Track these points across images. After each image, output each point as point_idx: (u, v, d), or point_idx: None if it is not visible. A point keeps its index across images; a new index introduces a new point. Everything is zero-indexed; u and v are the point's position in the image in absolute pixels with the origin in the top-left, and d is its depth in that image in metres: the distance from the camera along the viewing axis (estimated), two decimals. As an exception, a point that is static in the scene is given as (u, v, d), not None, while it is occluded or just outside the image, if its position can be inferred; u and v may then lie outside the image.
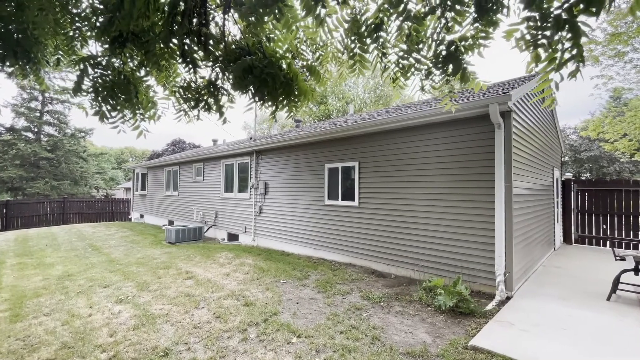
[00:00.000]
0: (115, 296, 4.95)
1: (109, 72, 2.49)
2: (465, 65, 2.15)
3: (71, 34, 3.26)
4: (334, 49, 2.52)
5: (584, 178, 26.95)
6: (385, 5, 2.16)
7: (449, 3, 1.88)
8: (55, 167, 24.34)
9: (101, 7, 2.75)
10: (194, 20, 1.96)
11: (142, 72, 2.56)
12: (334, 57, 2.53)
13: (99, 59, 2.52)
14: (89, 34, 2.79)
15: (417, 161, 5.80)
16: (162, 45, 2.18)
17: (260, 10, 2.08)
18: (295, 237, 8.11)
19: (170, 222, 14.30)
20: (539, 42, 1.89)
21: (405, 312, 4.23)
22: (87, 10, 2.99)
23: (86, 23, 3.03)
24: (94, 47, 3.10)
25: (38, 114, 24.68)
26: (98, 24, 2.69)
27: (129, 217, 19.36)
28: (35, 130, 24.92)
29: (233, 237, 10.53)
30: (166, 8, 1.98)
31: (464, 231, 5.16)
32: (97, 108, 2.95)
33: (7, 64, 3.25)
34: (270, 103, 2.47)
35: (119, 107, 2.47)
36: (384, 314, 4.19)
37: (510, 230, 4.75)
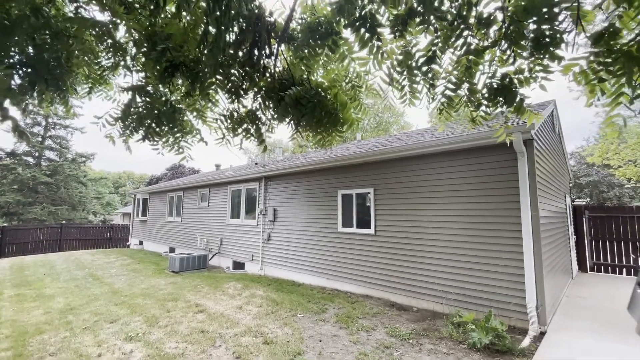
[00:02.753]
0: (124, 333, 4.64)
1: (152, 100, 2.44)
2: (520, 97, 2.12)
3: (103, 63, 3.25)
4: (379, 80, 2.49)
5: (593, 204, 26.94)
6: (437, 40, 2.15)
7: (512, 37, 1.87)
8: (54, 191, 24.03)
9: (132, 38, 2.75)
10: (256, 52, 1.92)
11: (187, 101, 2.51)
12: (379, 88, 2.51)
13: (147, 88, 2.48)
14: (122, 63, 2.77)
15: (436, 188, 5.72)
16: (214, 76, 2.14)
17: (313, 43, 2.06)
18: (307, 267, 7.84)
19: (172, 249, 13.91)
20: (602, 77, 1.86)
21: (438, 351, 3.98)
22: (123, 41, 2.99)
23: (119, 53, 3.03)
24: (124, 77, 3.09)
25: (40, 139, 24.70)
26: (140, 55, 2.68)
27: (128, 243, 18.88)
28: (36, 155, 24.83)
29: (239, 265, 10.20)
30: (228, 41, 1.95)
31: (490, 261, 4.99)
32: (126, 135, 2.87)
33: (37, 90, 3.20)
34: (313, 132, 2.40)
35: (162, 134, 2.40)
36: (415, 352, 3.94)
37: (540, 261, 4.59)
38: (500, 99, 2.26)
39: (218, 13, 1.35)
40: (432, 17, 1.91)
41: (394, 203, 6.30)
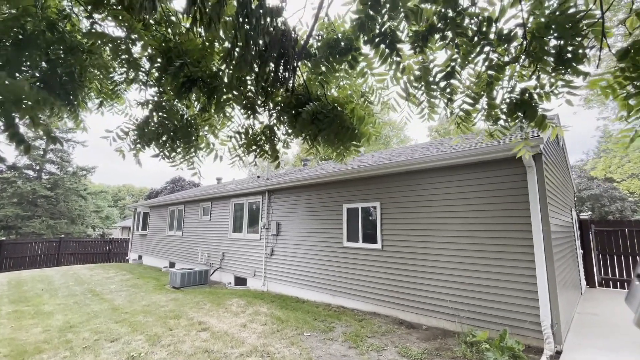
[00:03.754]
0: (125, 352, 4.48)
1: (168, 115, 2.41)
2: (541, 113, 2.10)
3: (116, 78, 3.25)
4: (395, 95, 2.48)
5: (596, 217, 26.74)
6: (456, 56, 2.15)
7: (534, 53, 1.86)
8: (53, 205, 23.88)
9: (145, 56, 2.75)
10: (281, 68, 1.92)
11: (203, 117, 2.48)
12: (395, 103, 2.50)
13: (163, 103, 2.46)
14: (138, 78, 2.77)
15: (444, 202, 5.66)
16: (231, 91, 2.12)
17: (332, 59, 2.05)
18: (311, 282, 7.69)
19: (172, 264, 13.70)
20: (630, 92, 1.85)
21: (453, 372, 3.83)
22: (137, 56, 2.99)
23: (133, 69, 3.03)
24: (139, 92, 3.08)
25: (42, 152, 24.72)
26: (154, 70, 2.68)
27: (127, 257, 18.62)
28: (37, 168, 24.81)
29: (240, 281, 10.01)
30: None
31: (502, 277, 4.89)
32: (137, 149, 2.83)
33: (47, 105, 3.19)
34: (331, 147, 2.37)
35: (176, 150, 2.36)
36: (429, 374, 3.79)
37: (553, 278, 4.50)
38: (520, 113, 2.24)
39: (247, 27, 1.33)
40: (452, 33, 1.91)
41: (401, 217, 6.23)
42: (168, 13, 2.69)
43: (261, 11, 1.34)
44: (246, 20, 1.32)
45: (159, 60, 2.76)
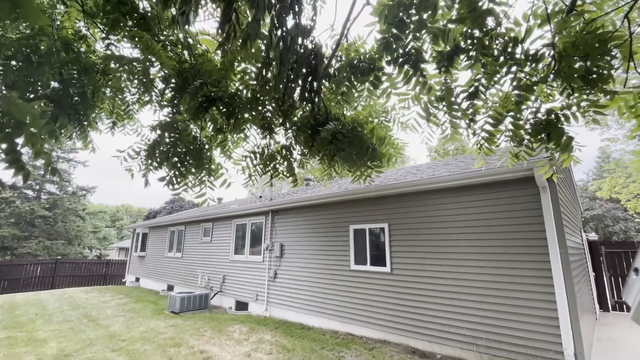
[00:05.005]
0: (123, 386, 4.20)
1: (180, 136, 2.35)
2: (568, 135, 2.03)
3: (128, 98, 3.22)
4: (415, 115, 2.43)
5: (602, 238, 26.34)
6: (479, 75, 2.11)
7: (563, 73, 1.82)
8: (51, 225, 23.55)
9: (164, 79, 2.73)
10: (307, 88, 1.87)
11: (219, 138, 2.42)
12: (416, 123, 2.44)
13: (177, 125, 2.40)
14: (153, 98, 2.74)
15: (456, 224, 5.53)
16: (250, 111, 2.07)
17: (354, 79, 2.01)
18: (317, 308, 7.40)
19: (170, 287, 13.30)
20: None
21: (476, 408, 3.57)
22: (151, 77, 2.97)
23: (146, 89, 3.00)
24: (154, 112, 3.05)
25: (42, 172, 24.67)
26: (168, 90, 2.65)
27: (123, 280, 18.13)
28: (37, 188, 24.67)
29: (242, 305, 9.66)
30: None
31: (520, 302, 4.68)
32: (148, 169, 2.75)
33: (58, 124, 3.13)
34: (350, 167, 2.29)
35: (187, 173, 2.28)
36: (450, 410, 3.53)
37: (575, 303, 4.31)
38: (544, 135, 2.18)
39: (282, 45, 1.28)
40: (479, 53, 1.88)
41: (410, 239, 6.07)
42: (186, 35, 2.68)
43: (296, 29, 1.31)
44: (282, 38, 1.28)
45: (173, 80, 2.74)
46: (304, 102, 1.99)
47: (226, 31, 1.22)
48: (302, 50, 1.63)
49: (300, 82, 1.82)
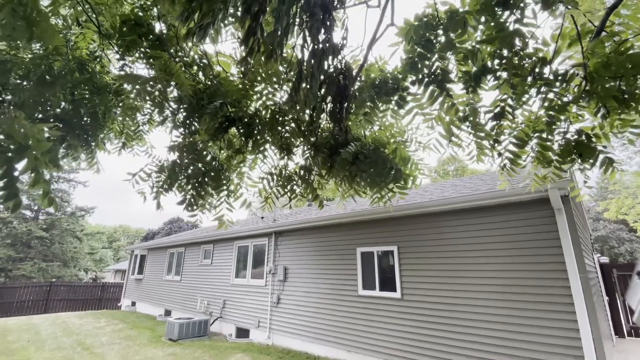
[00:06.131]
0: None
1: (198, 157, 2.26)
2: (608, 155, 1.95)
3: (139, 118, 3.16)
4: (437, 135, 2.36)
5: (620, 262, 25.71)
6: (505, 95, 2.06)
7: (596, 92, 1.77)
8: (47, 246, 23.12)
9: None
10: (338, 106, 1.81)
11: (238, 158, 2.34)
12: (438, 143, 2.37)
13: (196, 145, 2.32)
14: (167, 119, 2.68)
15: (469, 247, 5.35)
16: (269, 132, 2.00)
17: (378, 99, 1.95)
18: (323, 335, 7.06)
19: (167, 312, 12.84)
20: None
21: None
22: (161, 97, 2.93)
23: (156, 110, 2.95)
24: (158, 133, 2.98)
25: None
26: (181, 110, 2.59)
27: (119, 304, 17.55)
28: (35, 208, 24.42)
29: (243, 332, 9.26)
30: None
31: (541, 331, 4.45)
32: (159, 192, 2.64)
33: (66, 144, 3.06)
34: (373, 189, 2.19)
35: (205, 194, 2.17)
36: None
37: (598, 331, 4.08)
38: (575, 156, 2.10)
39: (313, 61, 1.22)
40: (508, 74, 1.83)
41: (421, 263, 5.87)
42: (201, 56, 2.66)
43: (327, 45, 1.26)
44: (313, 54, 1.23)
45: (185, 101, 2.69)
46: (333, 122, 1.93)
47: (250, 45, 1.15)
48: (331, 70, 1.59)
49: (330, 101, 1.76)
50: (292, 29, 1.16)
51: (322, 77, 1.52)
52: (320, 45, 1.20)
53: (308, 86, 1.30)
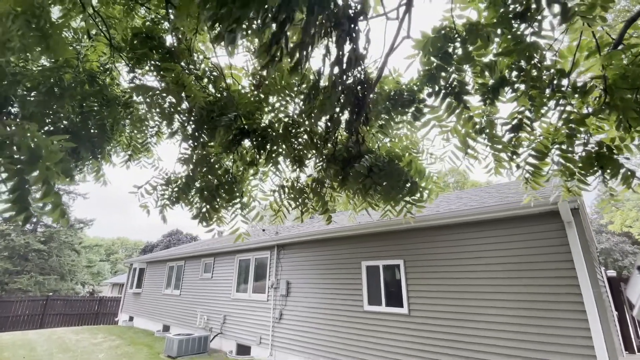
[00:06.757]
0: None
1: (211, 170, 2.22)
2: (628, 168, 1.91)
3: (147, 131, 3.13)
4: (453, 148, 2.33)
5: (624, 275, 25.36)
6: (523, 107, 2.03)
7: (616, 104, 1.74)
8: (45, 259, 22.81)
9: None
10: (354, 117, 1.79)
11: (251, 171, 2.30)
12: (454, 156, 2.33)
13: (210, 158, 2.28)
14: (177, 131, 2.65)
15: (479, 260, 5.24)
16: (282, 144, 1.96)
17: (393, 111, 1.92)
18: (327, 353, 6.84)
19: (166, 328, 12.55)
20: None
21: None
22: (169, 109, 2.91)
23: (165, 122, 2.93)
24: (166, 146, 2.97)
25: (41, 205, 24.36)
26: (191, 122, 2.56)
27: (116, 319, 17.19)
28: (34, 220, 24.22)
29: (243, 349, 9.00)
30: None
31: (555, 349, 4.30)
32: (165, 205, 2.59)
33: (74, 157, 3.02)
34: (389, 203, 2.14)
35: (219, 207, 2.12)
36: None
37: (614, 349, 3.96)
38: (597, 167, 2.06)
39: (337, 70, 1.20)
40: (526, 86, 1.81)
41: (429, 277, 5.74)
42: (212, 69, 2.65)
43: (353, 55, 1.24)
44: (338, 64, 1.20)
45: (195, 112, 2.67)
46: (350, 134, 1.90)
47: (272, 53, 1.13)
48: (350, 80, 1.57)
49: (348, 111, 1.74)
50: (317, 39, 1.14)
51: (342, 87, 1.50)
52: (347, 55, 1.18)
53: (327, 96, 1.27)
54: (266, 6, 0.93)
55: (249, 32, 0.99)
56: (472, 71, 1.92)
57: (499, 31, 1.88)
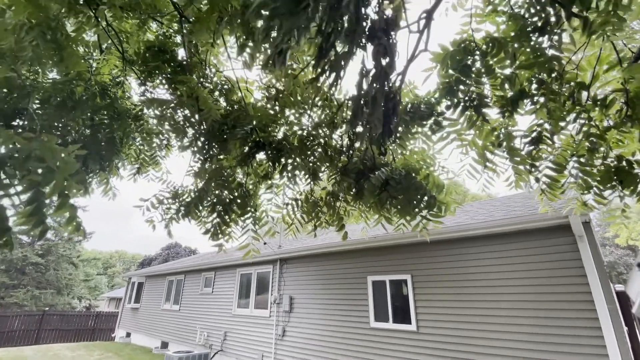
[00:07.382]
0: None
1: (224, 184, 2.18)
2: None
3: (157, 143, 3.11)
4: (471, 161, 2.30)
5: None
6: (542, 120, 2.01)
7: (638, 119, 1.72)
8: (42, 273, 22.48)
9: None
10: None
11: (265, 185, 2.26)
12: (473, 169, 2.30)
13: (224, 171, 2.24)
14: (188, 144, 2.63)
15: (489, 275, 5.12)
16: (297, 157, 1.93)
17: (411, 123, 1.89)
18: (332, 370, 6.64)
19: (164, 344, 12.22)
20: None
21: None
22: (181, 122, 2.89)
23: (178, 136, 2.90)
24: (174, 159, 2.93)
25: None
26: (201, 135, 2.54)
27: (113, 335, 16.79)
28: (32, 233, 24.00)
29: (245, 366, 8.75)
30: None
31: (570, 369, 4.16)
32: (172, 219, 2.54)
33: (84, 169, 2.99)
34: (406, 217, 2.09)
35: (231, 221, 2.07)
36: None
37: (633, 369, 3.82)
38: (616, 182, 2.02)
39: (377, 85, 1.18)
40: (545, 99, 1.79)
41: (438, 292, 5.61)
42: (224, 82, 2.65)
43: (389, 69, 1.22)
44: (377, 77, 1.19)
45: (204, 125, 2.65)
46: (377, 147, 1.87)
47: (321, 67, 1.11)
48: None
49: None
50: (355, 51, 1.13)
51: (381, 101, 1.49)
52: (383, 68, 1.16)
53: (368, 110, 1.25)
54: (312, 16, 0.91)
55: (301, 43, 0.97)
56: (491, 84, 1.91)
57: (515, 44, 1.87)
